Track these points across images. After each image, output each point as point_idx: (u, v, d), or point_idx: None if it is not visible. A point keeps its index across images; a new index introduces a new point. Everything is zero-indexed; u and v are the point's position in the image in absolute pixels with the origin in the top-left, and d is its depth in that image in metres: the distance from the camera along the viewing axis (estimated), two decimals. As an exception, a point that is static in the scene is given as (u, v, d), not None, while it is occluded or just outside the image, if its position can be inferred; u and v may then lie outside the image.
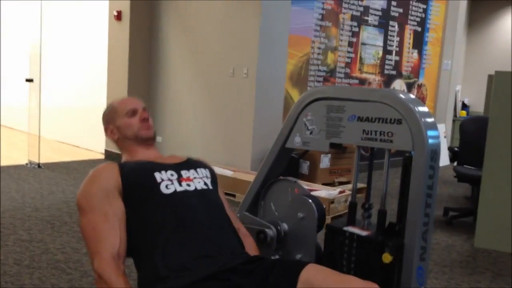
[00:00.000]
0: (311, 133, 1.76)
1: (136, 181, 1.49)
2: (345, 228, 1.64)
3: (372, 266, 1.53)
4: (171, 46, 5.64)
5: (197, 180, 1.57)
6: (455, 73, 7.54)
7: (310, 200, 1.72)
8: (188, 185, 1.53)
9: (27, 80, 5.58)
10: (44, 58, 5.55)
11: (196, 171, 1.61)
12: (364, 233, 1.60)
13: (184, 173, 1.56)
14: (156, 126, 6.25)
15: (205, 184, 1.59)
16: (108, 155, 5.94)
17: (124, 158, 1.68)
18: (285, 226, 1.76)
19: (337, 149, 4.83)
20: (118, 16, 5.67)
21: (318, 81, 5.51)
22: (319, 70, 5.51)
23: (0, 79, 7.74)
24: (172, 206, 1.46)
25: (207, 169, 1.66)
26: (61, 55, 6.96)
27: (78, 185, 4.68)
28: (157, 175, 1.50)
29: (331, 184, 4.86)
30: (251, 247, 1.64)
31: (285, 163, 1.95)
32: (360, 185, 3.75)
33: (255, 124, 4.85)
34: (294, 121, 1.80)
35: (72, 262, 2.83)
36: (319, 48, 5.46)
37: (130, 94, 5.72)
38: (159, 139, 5.80)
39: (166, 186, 1.49)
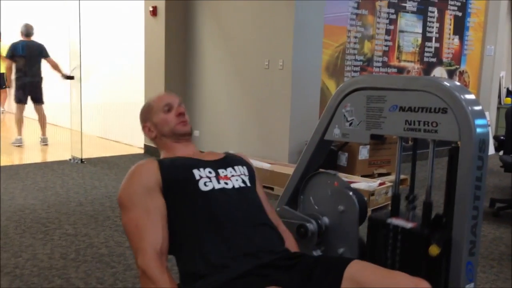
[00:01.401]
0: (350, 124, 1.71)
1: (176, 177, 1.48)
2: (389, 221, 1.58)
3: (418, 260, 1.48)
4: (206, 40, 5.66)
5: (234, 178, 1.55)
6: (499, 59, 7.24)
7: (351, 193, 1.69)
8: (226, 183, 1.51)
9: (68, 78, 5.72)
10: (83, 55, 5.67)
11: (234, 169, 1.58)
12: (409, 225, 1.54)
13: (222, 171, 1.55)
14: (192, 120, 6.26)
15: (243, 181, 1.57)
16: (148, 149, 6.04)
17: (162, 156, 1.67)
18: (326, 220, 1.73)
19: (377, 140, 4.74)
20: (154, 12, 5.73)
21: (355, 71, 5.41)
22: (355, 60, 5.40)
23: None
24: (210, 203, 1.45)
25: (244, 167, 1.63)
26: (100, 52, 7.10)
27: (119, 179, 4.78)
28: (196, 172, 1.49)
29: (371, 176, 4.78)
30: (291, 244, 1.61)
31: (324, 156, 1.91)
32: (402, 176, 3.66)
33: (291, 116, 4.82)
34: (333, 113, 1.76)
35: (116, 255, 2.89)
36: (355, 37, 5.35)
37: (168, 88, 5.78)
38: (196, 133, 5.84)
39: (205, 183, 1.48)
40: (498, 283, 2.66)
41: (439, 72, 6.39)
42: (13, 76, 6.37)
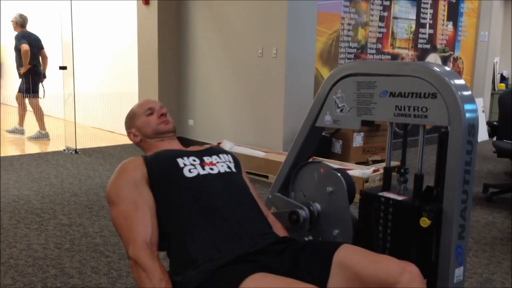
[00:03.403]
0: (341, 110, 1.72)
1: (161, 168, 1.51)
2: (380, 194, 1.60)
3: (409, 232, 1.49)
4: (199, 29, 5.62)
5: (220, 164, 1.59)
6: (493, 45, 7.25)
7: (338, 173, 1.70)
8: (211, 169, 1.55)
9: (61, 68, 5.69)
10: (76, 45, 5.63)
11: (219, 157, 1.62)
12: (400, 198, 1.55)
13: (207, 158, 1.59)
14: (186, 110, 6.23)
15: (229, 167, 1.60)
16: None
17: None
18: (317, 205, 1.74)
19: (370, 127, 4.74)
20: (146, 1, 5.69)
21: (349, 58, 5.40)
22: (349, 47, 5.39)
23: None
24: (196, 190, 1.48)
25: (229, 155, 1.67)
26: (92, 42, 7.05)
27: (114, 169, 4.77)
28: (180, 161, 1.53)
29: (365, 163, 4.79)
30: (281, 233, 1.62)
31: (316, 143, 1.92)
32: (394, 163, 3.68)
33: (286, 104, 4.81)
34: (323, 99, 1.76)
35: (111, 245, 2.89)
36: (349, 24, 5.33)
37: (161, 77, 5.76)
38: (190, 122, 5.83)
39: (189, 170, 1.51)
40: (491, 268, 2.69)
41: (433, 58, 6.39)
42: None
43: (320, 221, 1.75)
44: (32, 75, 6.17)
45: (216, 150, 1.67)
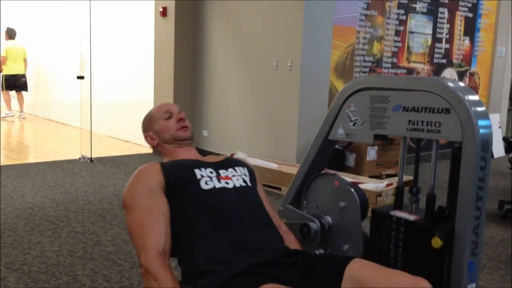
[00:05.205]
0: (354, 124, 1.72)
1: (178, 177, 1.52)
2: (392, 213, 1.59)
3: (420, 252, 1.48)
4: (215, 40, 5.68)
5: (235, 178, 1.59)
6: (510, 60, 7.18)
7: (352, 189, 1.70)
8: (227, 183, 1.55)
9: (78, 78, 5.78)
10: (94, 55, 5.72)
11: (234, 170, 1.62)
12: (412, 217, 1.54)
13: (223, 172, 1.58)
14: (201, 121, 6.26)
15: (244, 181, 1.60)
16: (156, 150, 6.06)
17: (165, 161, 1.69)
18: (328, 219, 1.73)
19: (383, 141, 4.73)
20: (164, 12, 5.77)
21: (364, 72, 5.40)
22: (364, 61, 5.39)
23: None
24: (211, 202, 1.48)
25: (245, 168, 1.67)
26: (110, 52, 7.16)
27: (128, 179, 4.81)
28: (197, 172, 1.53)
29: (378, 177, 4.76)
30: (293, 244, 1.61)
31: (328, 156, 1.92)
32: (407, 177, 3.65)
33: (300, 117, 4.82)
34: (336, 113, 1.76)
35: (123, 253, 2.91)
36: (364, 38, 5.34)
37: (177, 88, 5.81)
38: (204, 133, 5.86)
39: (206, 182, 1.52)
40: (505, 285, 2.64)
41: (449, 73, 6.36)
42: None
43: (331, 234, 1.74)
44: None
45: (233, 162, 1.67)
